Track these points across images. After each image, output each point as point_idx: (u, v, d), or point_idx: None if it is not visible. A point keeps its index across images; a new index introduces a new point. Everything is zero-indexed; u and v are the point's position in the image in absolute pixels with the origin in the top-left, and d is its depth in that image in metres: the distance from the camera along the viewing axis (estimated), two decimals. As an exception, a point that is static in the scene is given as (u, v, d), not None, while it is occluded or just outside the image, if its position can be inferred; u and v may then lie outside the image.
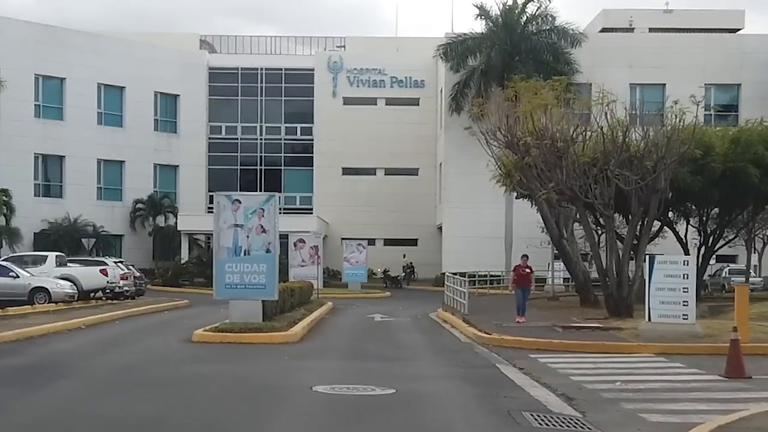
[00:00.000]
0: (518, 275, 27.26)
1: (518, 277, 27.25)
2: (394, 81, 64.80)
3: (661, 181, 25.55)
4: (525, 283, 27.11)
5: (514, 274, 27.59)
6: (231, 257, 22.99)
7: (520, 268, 27.39)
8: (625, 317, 25.84)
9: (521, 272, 27.21)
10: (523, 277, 27.11)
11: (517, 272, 27.43)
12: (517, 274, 27.39)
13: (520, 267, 27.43)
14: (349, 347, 21.59)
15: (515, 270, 27.76)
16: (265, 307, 23.82)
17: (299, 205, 64.67)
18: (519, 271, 27.37)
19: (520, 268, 27.43)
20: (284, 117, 65.77)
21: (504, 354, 20.21)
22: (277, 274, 23.39)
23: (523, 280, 27.09)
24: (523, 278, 27.11)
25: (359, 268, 51.79)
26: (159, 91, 63.08)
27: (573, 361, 19.05)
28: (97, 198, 60.35)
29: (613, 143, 25.32)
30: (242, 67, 65.60)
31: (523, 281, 27.10)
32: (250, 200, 23.25)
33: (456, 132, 57.23)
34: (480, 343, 22.85)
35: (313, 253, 40.54)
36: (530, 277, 27.58)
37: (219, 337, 21.98)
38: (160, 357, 18.78)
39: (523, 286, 27.07)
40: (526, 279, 27.21)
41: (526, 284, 27.24)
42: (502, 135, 29.23)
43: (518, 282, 27.17)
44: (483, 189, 55.98)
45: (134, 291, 40.24)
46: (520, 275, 27.19)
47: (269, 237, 23.00)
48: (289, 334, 22.56)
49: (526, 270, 27.32)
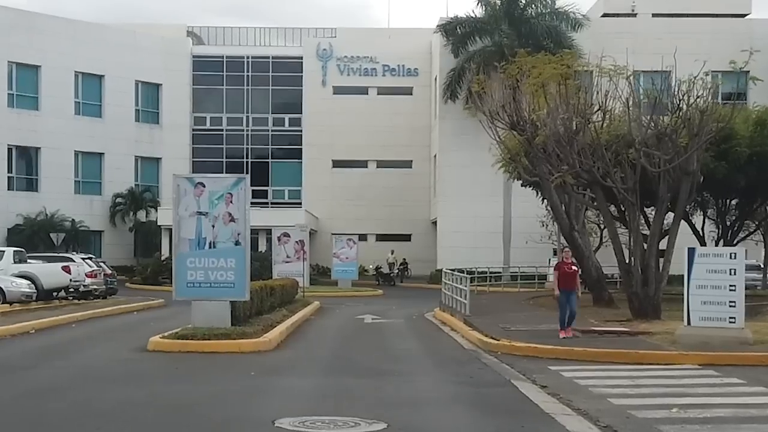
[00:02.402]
0: (563, 274, 20.36)
1: (563, 276, 20.34)
2: (386, 69, 60.91)
3: (693, 162, 21.82)
4: (571, 284, 20.35)
5: (558, 273, 20.61)
6: (193, 250, 19.23)
7: (565, 265, 20.60)
8: (652, 319, 22.14)
9: (566, 270, 20.43)
10: (569, 277, 20.35)
11: (561, 270, 20.49)
12: (561, 272, 20.43)
13: (565, 264, 20.66)
14: (333, 357, 17.81)
15: (558, 268, 20.77)
16: (236, 309, 20.05)
17: (288, 199, 60.93)
18: (563, 269, 20.46)
19: (564, 265, 20.61)
20: (271, 107, 61.86)
21: (518, 365, 16.49)
22: (249, 271, 19.60)
23: (570, 280, 20.33)
24: (570, 278, 20.36)
25: (349, 265, 47.96)
26: (140, 80, 59.20)
27: (603, 375, 15.34)
28: (75, 192, 56.53)
29: (638, 119, 21.56)
30: (227, 55, 61.75)
31: (569, 282, 20.29)
32: (216, 183, 19.45)
33: (451, 122, 53.75)
34: (486, 350, 19.13)
35: (299, 248, 36.77)
36: (577, 276, 20.82)
37: (178, 345, 18.19)
38: (95, 374, 14.95)
39: (570, 289, 20.28)
40: (573, 279, 20.43)
41: (573, 286, 20.39)
42: (506, 114, 25.41)
43: (563, 282, 20.29)
44: (480, 181, 52.63)
45: (105, 290, 36.42)
46: (565, 274, 20.34)
47: (239, 227, 19.23)
48: (262, 341, 18.76)
49: (573, 268, 20.74)
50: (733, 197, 33.49)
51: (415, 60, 60.49)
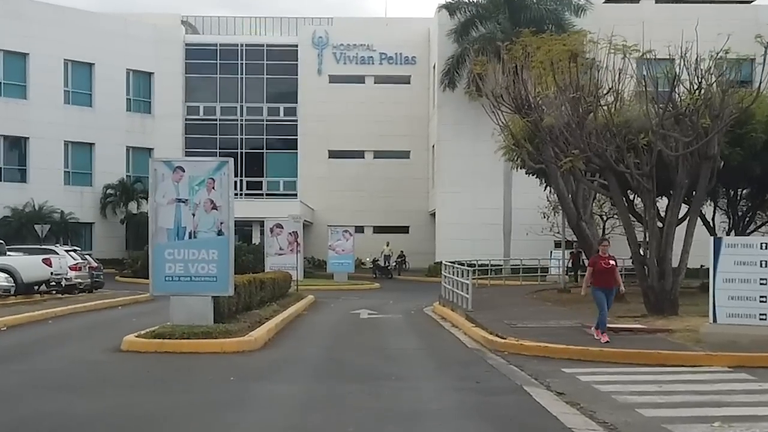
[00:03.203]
0: (599, 270, 17.36)
1: (599, 272, 17.37)
2: (383, 57, 59.06)
3: (714, 145, 20.05)
4: (609, 281, 17.37)
5: (592, 268, 17.59)
6: (172, 241, 17.45)
7: (602, 259, 17.42)
8: (669, 315, 20.40)
9: (603, 265, 17.33)
10: (607, 274, 17.35)
11: (597, 265, 17.42)
12: (597, 267, 17.41)
13: (602, 258, 17.45)
14: (324, 358, 16.04)
15: (594, 262, 17.65)
16: (219, 305, 18.31)
17: (283, 191, 59.12)
18: (600, 263, 17.37)
19: (601, 259, 17.42)
20: (266, 96, 59.98)
21: (528, 367, 14.76)
22: (233, 263, 17.80)
23: (607, 276, 17.36)
24: (608, 274, 17.35)
25: (345, 257, 46.13)
26: (131, 69, 57.35)
27: (625, 379, 13.61)
28: (65, 183, 54.67)
29: (656, 98, 19.74)
30: (221, 43, 59.91)
31: (606, 279, 17.36)
32: (197, 168, 17.64)
33: (450, 111, 51.96)
34: (492, 349, 17.38)
35: (292, 240, 34.93)
36: (616, 272, 17.72)
37: (154, 345, 16.42)
38: (51, 380, 13.10)
39: (607, 287, 17.39)
40: (611, 275, 17.40)
41: (611, 283, 17.43)
42: (511, 97, 23.61)
43: (600, 280, 17.38)
44: (479, 172, 50.92)
45: (90, 284, 34.65)
46: (602, 270, 17.32)
47: (222, 215, 17.46)
48: (247, 341, 17.00)
49: (611, 263, 17.47)
50: (745, 186, 31.69)
51: (413, 48, 58.66)
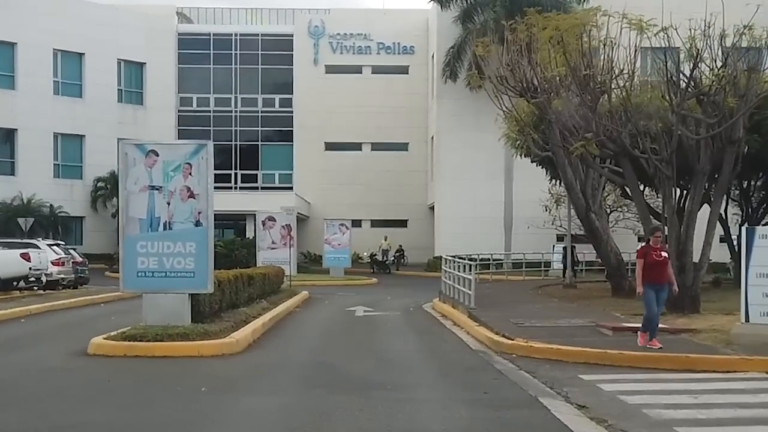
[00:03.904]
0: (650, 263, 14.47)
1: (650, 265, 14.48)
2: (381, 47, 57.17)
3: (739, 128, 18.25)
4: (661, 276, 14.55)
5: (643, 262, 14.52)
6: (145, 233, 15.67)
7: (654, 251, 14.56)
8: (690, 313, 18.65)
9: (655, 257, 14.49)
10: (659, 268, 14.53)
11: (648, 257, 14.50)
12: (649, 260, 14.48)
13: (654, 250, 14.58)
14: (312, 363, 14.23)
15: (644, 253, 14.62)
16: (199, 303, 16.53)
17: (278, 184, 57.19)
18: (652, 255, 14.49)
19: (653, 251, 14.56)
20: (261, 87, 58.07)
21: (541, 373, 13.01)
22: (212, 257, 16.02)
23: (659, 270, 14.54)
24: (660, 269, 14.54)
25: (342, 252, 44.31)
26: (123, 59, 55.47)
27: (653, 388, 11.88)
28: (54, 176, 52.82)
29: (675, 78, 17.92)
30: (215, 33, 58.03)
31: (658, 273, 14.52)
32: (172, 151, 15.80)
33: (450, 102, 50.13)
34: (498, 351, 15.63)
35: (285, 234, 33.10)
36: (669, 266, 14.91)
37: (123, 347, 14.62)
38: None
39: (658, 282, 14.54)
40: (664, 270, 14.60)
41: (663, 278, 14.58)
42: (516, 79, 21.76)
43: (650, 275, 14.46)
44: (479, 164, 49.16)
45: (74, 279, 32.87)
46: (653, 263, 14.47)
47: (200, 204, 15.67)
48: (228, 343, 15.19)
49: (663, 255, 14.68)
50: (760, 175, 29.87)
51: (412, 37, 56.80)
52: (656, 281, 14.62)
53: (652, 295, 14.65)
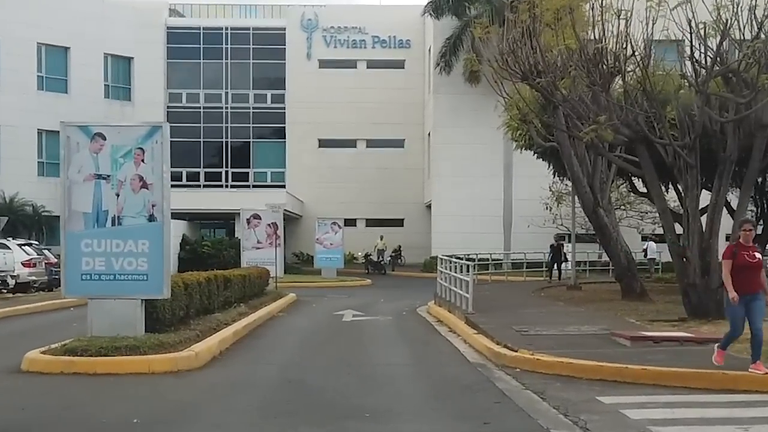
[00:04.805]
0: (740, 265, 11.37)
1: (739, 269, 11.38)
2: (376, 41, 54.81)
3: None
4: (752, 283, 11.37)
5: (730, 263, 11.45)
6: (90, 229, 13.42)
7: (744, 249, 11.44)
8: (715, 319, 16.39)
9: (747, 259, 11.37)
10: (750, 272, 11.37)
11: (739, 258, 11.38)
12: (739, 261, 11.37)
13: (744, 248, 11.47)
14: (281, 382, 11.95)
15: (734, 254, 11.45)
16: (158, 310, 14.26)
17: (270, 182, 54.79)
18: (743, 256, 11.39)
19: (743, 249, 11.44)
20: (252, 82, 55.63)
21: (552, 394, 10.82)
22: (170, 257, 13.76)
23: (751, 276, 11.37)
24: (751, 273, 11.38)
25: (334, 252, 41.98)
26: (109, 53, 53.05)
27: (689, 415, 9.69)
28: (39, 174, 50.31)
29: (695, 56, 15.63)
30: (205, 27, 55.64)
31: (749, 280, 11.36)
32: (121, 135, 13.51)
33: (447, 96, 47.87)
34: (500, 364, 13.42)
35: (271, 232, 30.79)
36: (763, 271, 11.55)
37: (61, 363, 12.37)
38: None
39: (749, 291, 11.35)
40: (755, 275, 11.40)
41: (754, 286, 11.38)
42: (518, 60, 19.45)
43: (742, 282, 11.32)
44: (478, 161, 46.97)
45: (48, 281, 30.63)
46: (744, 266, 11.35)
47: (154, 195, 13.39)
48: (184, 357, 12.91)
49: (757, 256, 11.47)
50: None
51: (408, 31, 54.47)
52: (747, 290, 11.28)
53: (739, 313, 11.40)
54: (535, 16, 19.50)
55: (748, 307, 11.37)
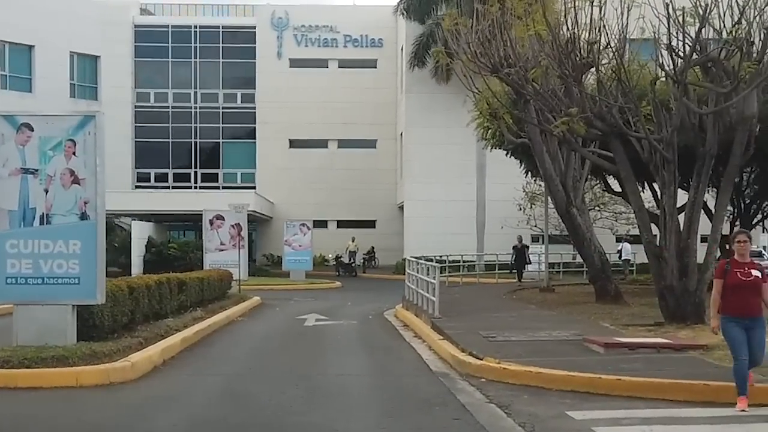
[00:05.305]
0: (732, 285, 9.55)
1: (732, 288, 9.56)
2: (347, 40, 53.65)
3: (753, 103, 15.01)
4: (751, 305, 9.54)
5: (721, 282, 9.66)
6: (16, 228, 12.21)
7: (738, 266, 9.63)
8: (693, 323, 15.37)
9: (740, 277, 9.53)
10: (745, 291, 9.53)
11: (731, 277, 9.57)
12: (731, 280, 9.55)
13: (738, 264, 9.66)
14: (220, 395, 10.78)
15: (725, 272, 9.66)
16: (94, 316, 13.05)
17: (241, 183, 53.50)
18: (735, 274, 9.57)
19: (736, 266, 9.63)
20: (222, 82, 54.29)
21: (518, 408, 9.76)
22: (104, 258, 12.53)
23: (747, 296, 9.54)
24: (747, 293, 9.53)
25: (302, 254, 40.72)
26: (75, 52, 51.73)
27: (667, 431, 8.56)
28: (2, 175, 48.89)
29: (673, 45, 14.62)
30: (173, 25, 54.29)
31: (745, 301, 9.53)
32: (51, 125, 12.29)
33: (419, 96, 46.82)
34: (464, 374, 12.35)
35: (235, 234, 29.58)
36: (764, 289, 9.57)
37: (-22, 377, 11.14)
38: None
39: (747, 315, 9.50)
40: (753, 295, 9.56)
41: (754, 309, 9.55)
42: (489, 54, 18.36)
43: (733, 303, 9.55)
44: (450, 161, 45.94)
45: None
46: (736, 285, 9.53)
47: (87, 191, 12.21)
48: (118, 368, 11.69)
49: (753, 273, 9.56)
50: (755, 167, 26.69)
51: (380, 30, 53.34)
52: (742, 313, 9.47)
53: (741, 335, 9.48)
54: (506, 7, 18.49)
55: (748, 336, 9.47)
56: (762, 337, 9.61)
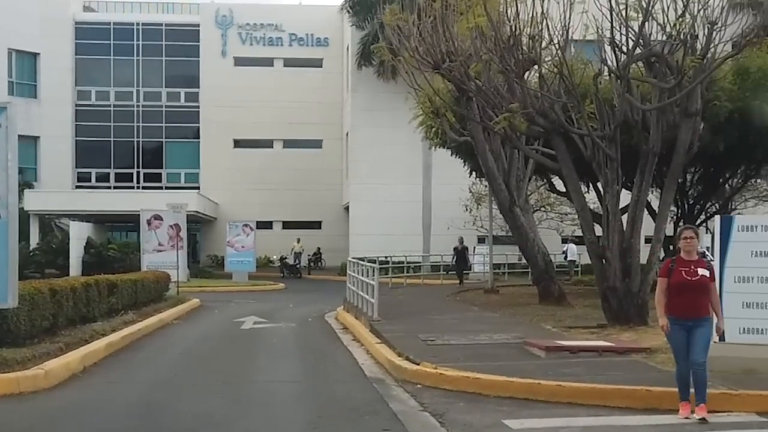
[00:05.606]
0: (677, 284, 8.90)
1: (676, 288, 8.91)
2: (293, 39, 52.91)
3: (697, 99, 14.64)
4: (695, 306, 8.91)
5: (666, 281, 9.01)
6: None
7: (683, 264, 8.95)
8: (637, 325, 14.98)
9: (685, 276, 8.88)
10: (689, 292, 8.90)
11: (675, 275, 8.91)
12: (675, 279, 8.90)
13: (686, 263, 8.96)
14: (137, 405, 10.07)
15: (669, 271, 8.98)
16: (8, 321, 12.28)
17: (184, 183, 52.46)
18: (680, 273, 8.89)
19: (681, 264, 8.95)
20: (165, 80, 53.25)
21: (452, 417, 9.25)
22: (16, 260, 11.72)
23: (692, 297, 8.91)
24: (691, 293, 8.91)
25: (245, 255, 39.89)
26: (14, 48, 50.28)
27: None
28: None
29: (616, 39, 14.18)
30: (115, 22, 53.10)
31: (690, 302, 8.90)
32: (-45, 116, 11.50)
33: (365, 95, 46.24)
34: (400, 380, 11.79)
35: (174, 234, 28.74)
36: (711, 289, 9.08)
37: None
38: None
39: (691, 316, 8.86)
40: (699, 296, 8.93)
41: (699, 310, 8.90)
42: (431, 50, 17.83)
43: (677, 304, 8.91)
44: (397, 162, 45.45)
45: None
46: (681, 285, 8.88)
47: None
48: (29, 376, 10.92)
49: (699, 272, 8.91)
50: (698, 168, 26.53)
51: (326, 29, 52.70)
52: (686, 315, 8.85)
53: (683, 338, 8.91)
54: (448, 2, 17.99)
55: (691, 337, 8.82)
56: (704, 335, 8.95)
